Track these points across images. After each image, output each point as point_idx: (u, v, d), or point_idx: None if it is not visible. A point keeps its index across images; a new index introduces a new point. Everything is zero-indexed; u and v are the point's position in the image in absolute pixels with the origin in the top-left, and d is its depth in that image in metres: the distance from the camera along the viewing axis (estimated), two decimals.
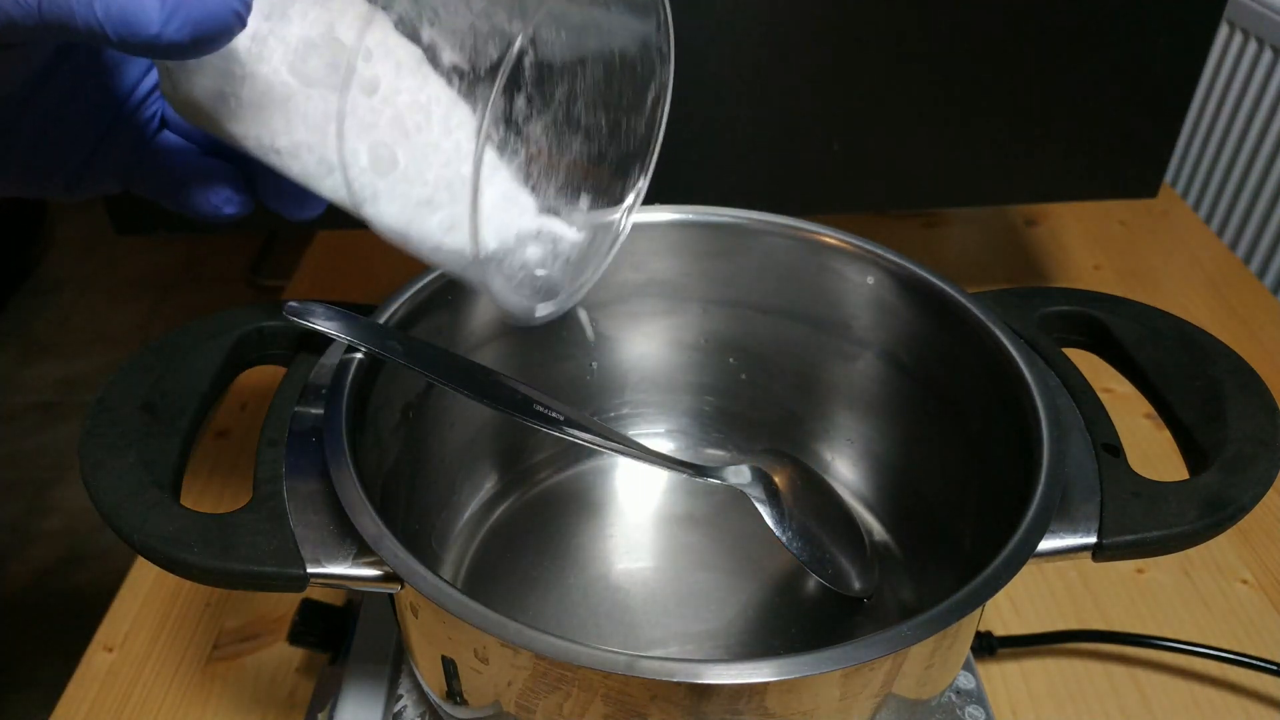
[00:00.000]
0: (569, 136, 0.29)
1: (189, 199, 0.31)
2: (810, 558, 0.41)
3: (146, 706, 0.46)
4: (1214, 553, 0.53)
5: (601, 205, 0.29)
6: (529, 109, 0.26)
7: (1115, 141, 0.59)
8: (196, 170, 0.31)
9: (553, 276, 0.28)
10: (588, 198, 0.29)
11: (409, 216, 0.26)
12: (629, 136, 0.29)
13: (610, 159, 0.29)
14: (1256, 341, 0.69)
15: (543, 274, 0.28)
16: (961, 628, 0.29)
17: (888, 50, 0.55)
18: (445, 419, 0.44)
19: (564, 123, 0.28)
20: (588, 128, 0.29)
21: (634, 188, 0.29)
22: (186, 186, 0.31)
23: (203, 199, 0.31)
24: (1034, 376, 0.36)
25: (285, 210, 0.32)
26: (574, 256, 0.29)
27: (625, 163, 0.29)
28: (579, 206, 0.29)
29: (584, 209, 0.29)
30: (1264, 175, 1.00)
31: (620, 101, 0.28)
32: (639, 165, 0.29)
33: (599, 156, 0.29)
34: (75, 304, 1.86)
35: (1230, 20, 1.03)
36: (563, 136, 0.29)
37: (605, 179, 0.29)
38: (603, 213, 0.29)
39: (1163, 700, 0.46)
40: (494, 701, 0.31)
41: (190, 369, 0.37)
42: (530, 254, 0.28)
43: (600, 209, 0.29)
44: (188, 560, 0.30)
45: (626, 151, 0.29)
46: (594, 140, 0.29)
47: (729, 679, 0.26)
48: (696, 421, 0.51)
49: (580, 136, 0.29)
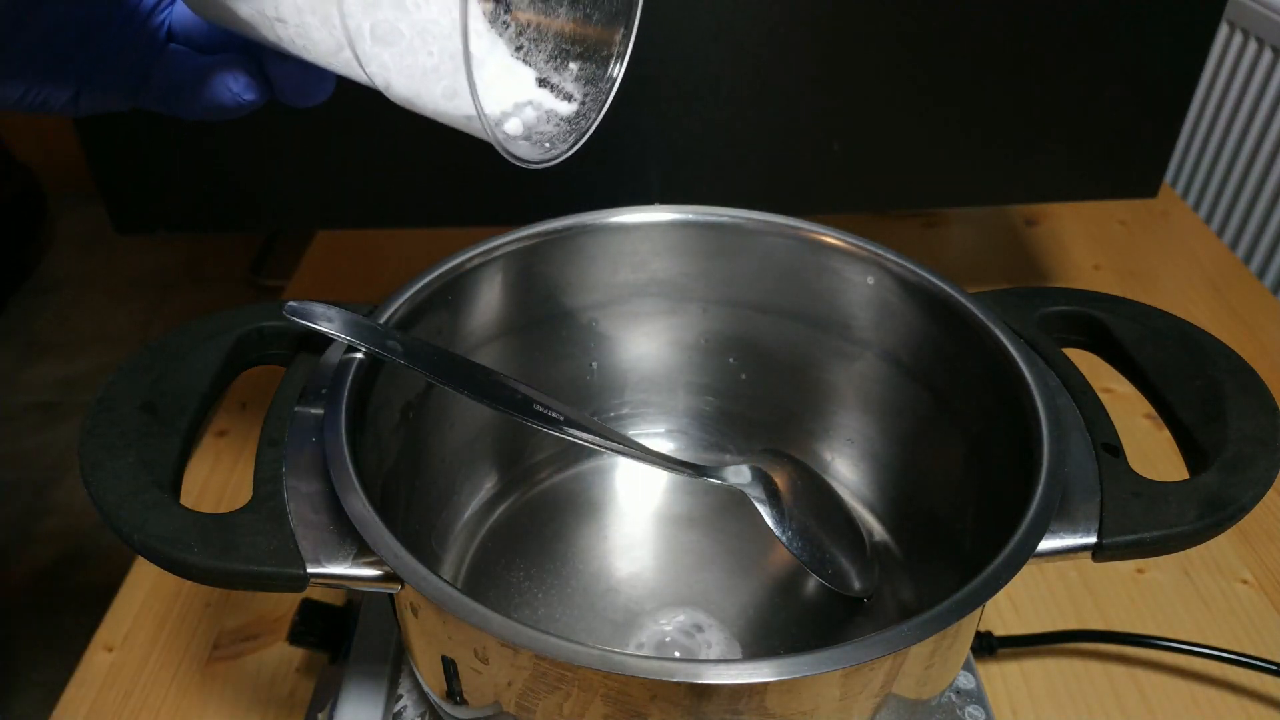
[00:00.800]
0: (555, 4, 0.31)
1: (206, 93, 0.31)
2: (810, 558, 0.41)
3: (147, 706, 0.46)
4: (1214, 553, 0.53)
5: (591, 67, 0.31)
6: None
7: (1115, 141, 0.59)
8: (207, 66, 0.31)
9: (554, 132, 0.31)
10: (576, 63, 0.31)
11: (416, 87, 0.27)
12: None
13: (595, 20, 0.31)
14: (1256, 341, 0.69)
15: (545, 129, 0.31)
16: (961, 628, 0.29)
17: (888, 51, 0.55)
18: (445, 419, 0.44)
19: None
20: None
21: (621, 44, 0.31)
22: (203, 81, 0.31)
23: (222, 88, 0.31)
24: (1034, 376, 0.36)
25: (295, 98, 0.33)
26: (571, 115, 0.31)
27: (610, 22, 0.31)
28: (569, 70, 0.31)
29: (574, 72, 0.31)
30: (1264, 175, 1.00)
31: None
32: (624, 21, 0.31)
33: (585, 19, 0.31)
34: (75, 303, 1.86)
35: (1230, 20, 1.03)
36: (549, 4, 0.31)
37: (592, 41, 0.31)
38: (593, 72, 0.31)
39: (1163, 700, 0.46)
40: (494, 701, 0.31)
41: (190, 369, 0.37)
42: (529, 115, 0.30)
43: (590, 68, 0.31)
44: (188, 560, 0.30)
45: (611, 10, 0.31)
46: (579, 5, 0.31)
47: (729, 679, 0.26)
48: (696, 421, 0.51)
49: (565, 3, 0.31)
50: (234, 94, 0.31)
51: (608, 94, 0.31)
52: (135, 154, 0.56)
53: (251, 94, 0.32)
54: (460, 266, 0.41)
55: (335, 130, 0.55)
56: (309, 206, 0.60)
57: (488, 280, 0.43)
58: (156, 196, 0.58)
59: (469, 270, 0.42)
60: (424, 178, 0.58)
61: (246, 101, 0.32)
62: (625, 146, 0.57)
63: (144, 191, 0.58)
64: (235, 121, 0.57)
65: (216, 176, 0.58)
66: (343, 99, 0.34)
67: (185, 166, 0.57)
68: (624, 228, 0.45)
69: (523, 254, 0.43)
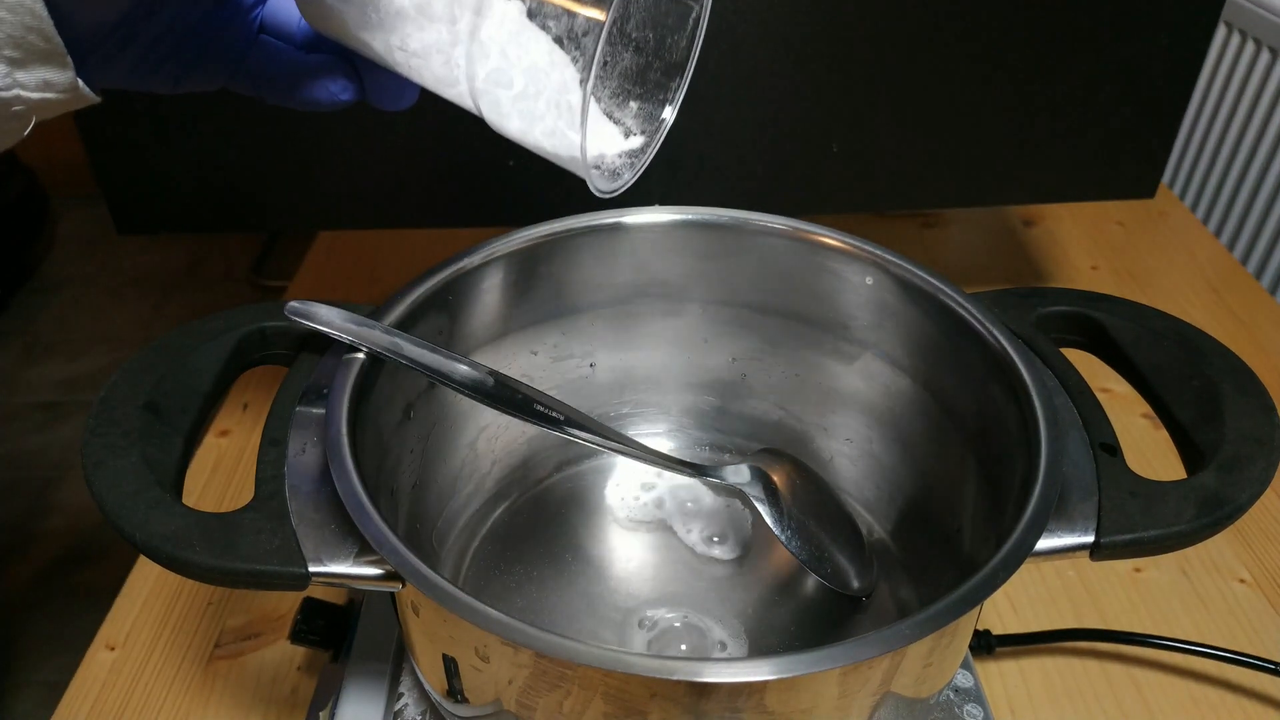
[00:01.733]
0: (621, 50, 0.34)
1: (304, 89, 0.33)
2: (809, 556, 0.41)
3: (148, 705, 0.46)
4: (1212, 552, 0.53)
5: (647, 109, 0.35)
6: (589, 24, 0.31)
7: (1113, 142, 0.59)
8: (311, 65, 0.33)
9: (618, 163, 0.35)
10: (635, 103, 0.35)
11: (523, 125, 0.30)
12: (672, 50, 0.35)
13: (655, 69, 0.35)
14: (1254, 341, 0.69)
15: (611, 160, 0.35)
16: (960, 626, 0.30)
17: (887, 50, 0.55)
18: (446, 419, 0.44)
19: (619, 38, 0.34)
20: (638, 42, 0.34)
21: (675, 92, 0.35)
22: (302, 79, 0.33)
23: (322, 89, 0.33)
24: (1032, 376, 0.36)
25: (387, 103, 0.34)
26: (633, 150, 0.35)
27: (668, 72, 0.35)
28: (629, 108, 0.35)
29: (633, 110, 0.35)
30: (1261, 175, 1.00)
31: (666, 20, 0.34)
32: (679, 74, 0.35)
33: (645, 67, 0.35)
34: (77, 303, 1.86)
35: (1228, 21, 1.03)
36: (616, 50, 0.34)
37: (650, 87, 0.35)
38: (649, 111, 0.35)
39: (1160, 699, 0.46)
40: (495, 700, 0.31)
41: (192, 369, 0.37)
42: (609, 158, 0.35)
43: (646, 110, 0.35)
44: (190, 559, 0.30)
45: (669, 63, 0.35)
46: (643, 53, 0.35)
47: (728, 677, 0.26)
48: (696, 421, 0.51)
49: (631, 50, 0.34)
50: (332, 94, 0.33)
51: (662, 131, 0.35)
52: (137, 155, 0.56)
53: (348, 95, 0.34)
54: (461, 267, 0.41)
55: (337, 131, 0.56)
56: (311, 207, 0.60)
57: (488, 281, 0.43)
58: (158, 197, 0.58)
59: (470, 271, 0.42)
60: (425, 179, 0.58)
61: (342, 101, 0.34)
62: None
63: (146, 192, 0.58)
64: (236, 122, 0.57)
65: (218, 177, 0.58)
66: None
67: (187, 167, 0.57)
68: (624, 228, 0.45)
69: (523, 254, 0.43)
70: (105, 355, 1.72)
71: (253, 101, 0.34)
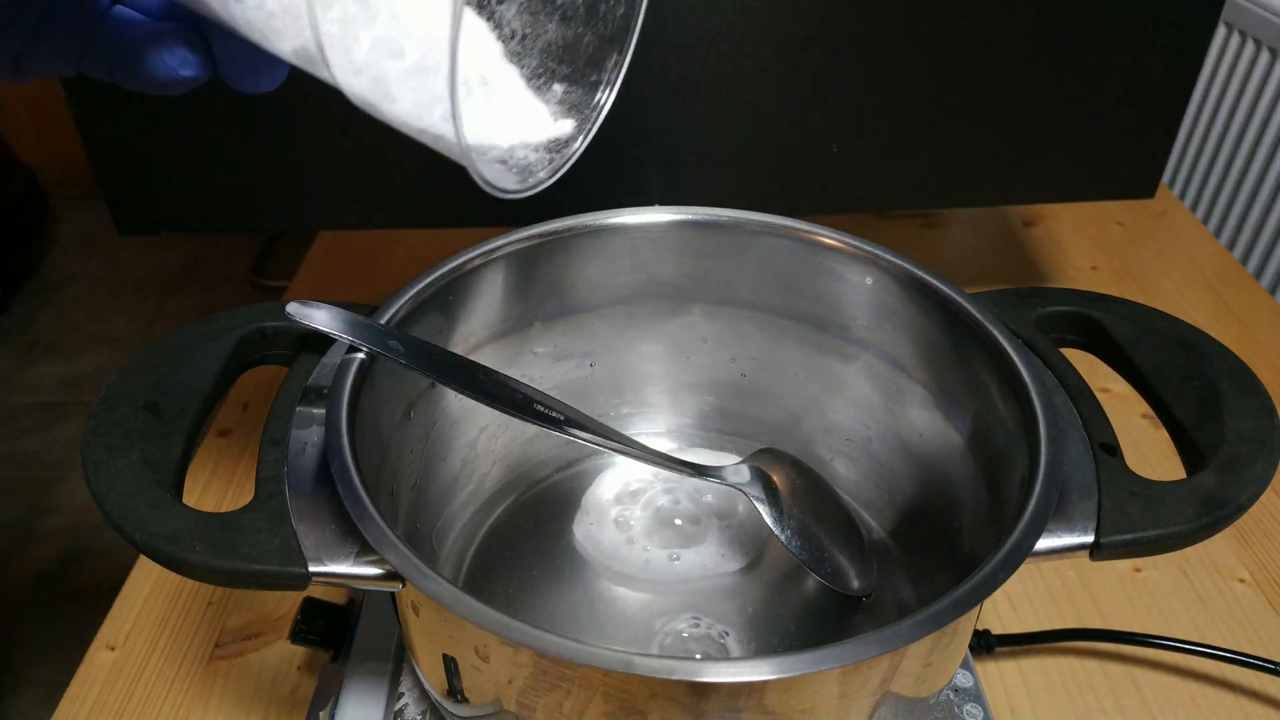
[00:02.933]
0: (544, 19, 0.28)
1: (143, 67, 0.29)
2: (809, 557, 0.41)
3: (148, 705, 0.46)
4: (1211, 552, 0.53)
5: (576, 92, 0.28)
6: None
7: (1113, 142, 0.59)
8: (148, 35, 0.29)
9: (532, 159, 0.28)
10: (561, 85, 0.28)
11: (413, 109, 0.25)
12: (607, 19, 0.28)
13: (587, 43, 0.28)
14: (1253, 341, 0.69)
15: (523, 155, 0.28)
16: (959, 626, 0.30)
17: (887, 51, 0.55)
18: (446, 419, 0.44)
19: (539, 3, 0.27)
20: (564, 9, 0.28)
21: (610, 72, 0.28)
22: (140, 53, 0.29)
23: (158, 62, 0.29)
24: (1031, 376, 0.36)
25: (241, 82, 0.30)
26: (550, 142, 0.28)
27: (602, 47, 0.28)
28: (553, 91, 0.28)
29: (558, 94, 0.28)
30: (1261, 175, 1.00)
31: None
32: (617, 49, 0.28)
33: (575, 39, 0.28)
34: (77, 304, 1.86)
35: (1228, 21, 1.03)
36: (538, 19, 0.28)
37: (580, 65, 0.28)
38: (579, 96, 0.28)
39: (1160, 699, 0.46)
40: (495, 699, 0.31)
41: (192, 369, 0.37)
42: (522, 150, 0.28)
43: (574, 96, 0.28)
44: (190, 559, 0.30)
45: (604, 35, 0.28)
46: (570, 22, 0.28)
47: (728, 677, 0.26)
48: (696, 421, 0.51)
49: (556, 19, 0.28)
50: (169, 68, 0.29)
51: (593, 123, 0.29)
52: (137, 154, 0.56)
53: (189, 70, 0.29)
54: (461, 267, 0.41)
55: (337, 130, 0.56)
56: (311, 207, 0.60)
57: (488, 281, 0.43)
58: (159, 197, 0.58)
59: (470, 271, 0.42)
60: (425, 178, 0.58)
61: (184, 78, 0.29)
62: (625, 146, 0.57)
63: (146, 192, 0.58)
64: (237, 122, 0.57)
65: (218, 177, 0.58)
66: (344, 99, 0.34)
67: (187, 167, 0.57)
68: (624, 228, 0.45)
69: (523, 255, 0.43)
70: (105, 355, 1.72)
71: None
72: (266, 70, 0.30)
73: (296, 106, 0.54)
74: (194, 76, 0.29)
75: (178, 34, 0.29)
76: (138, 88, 0.30)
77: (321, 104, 0.53)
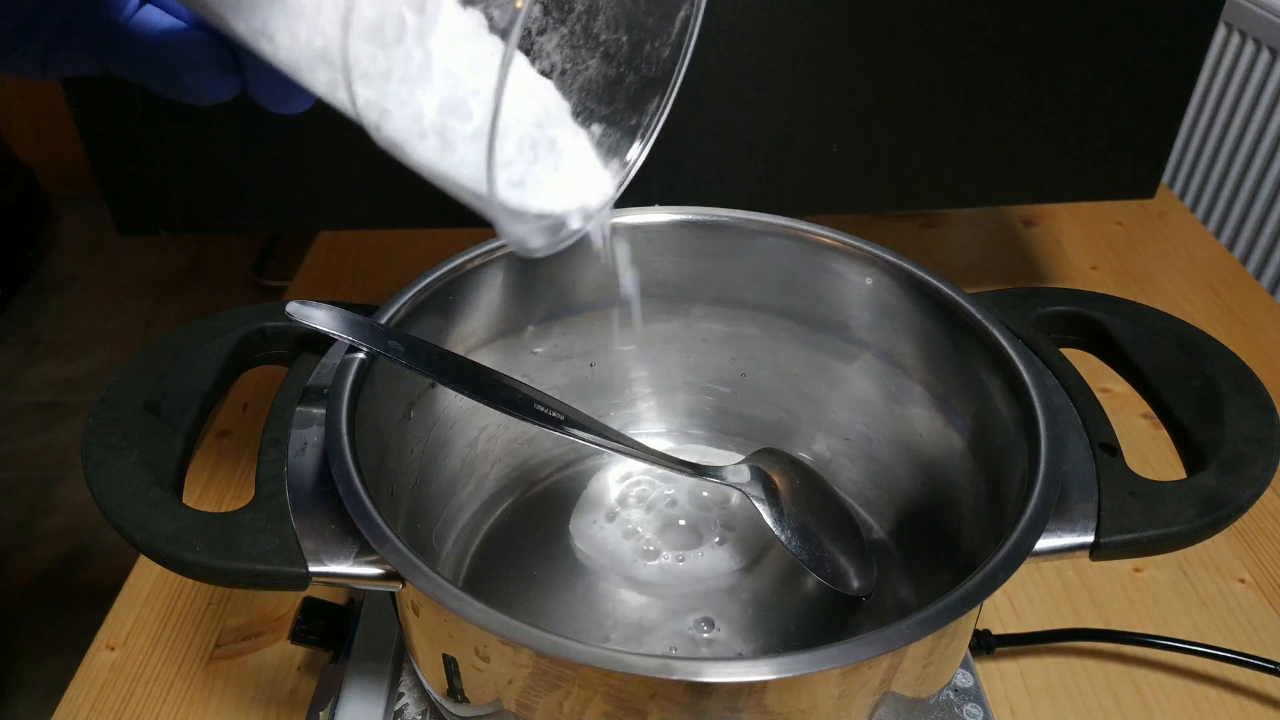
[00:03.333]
0: (586, 54, 0.26)
1: (172, 81, 0.29)
2: (809, 556, 0.41)
3: (149, 705, 0.46)
4: (1211, 552, 0.53)
5: (614, 135, 0.27)
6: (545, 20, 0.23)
7: (1113, 142, 0.59)
8: (179, 49, 0.28)
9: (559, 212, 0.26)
10: (599, 127, 0.27)
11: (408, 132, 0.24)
12: (651, 60, 0.26)
13: (629, 84, 0.26)
14: (1254, 341, 0.69)
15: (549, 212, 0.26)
16: (959, 626, 0.30)
17: (887, 50, 0.55)
18: (446, 419, 0.44)
19: (581, 39, 0.26)
20: (607, 46, 0.26)
21: (650, 117, 0.26)
22: (170, 68, 0.28)
23: (188, 79, 0.28)
24: (1032, 376, 0.36)
25: (270, 102, 0.30)
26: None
27: (644, 90, 0.26)
28: (591, 133, 0.27)
29: (596, 135, 0.27)
30: (1261, 175, 1.00)
31: (646, 21, 0.25)
32: (659, 93, 0.26)
33: (616, 79, 0.26)
34: (77, 304, 1.86)
35: (1228, 21, 1.03)
36: (579, 53, 0.26)
37: (620, 106, 0.26)
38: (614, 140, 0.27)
39: (1160, 699, 0.46)
40: (495, 699, 0.31)
41: (192, 369, 0.37)
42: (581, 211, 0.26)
43: (612, 136, 0.27)
44: (190, 559, 0.30)
45: (647, 76, 0.26)
46: (613, 60, 0.26)
47: (728, 677, 0.26)
48: (696, 421, 0.51)
49: (598, 56, 0.26)
50: (198, 87, 0.29)
51: (626, 176, 0.27)
52: (137, 155, 0.56)
53: (219, 93, 0.29)
54: (461, 267, 0.41)
55: (337, 130, 0.55)
56: (311, 207, 0.60)
57: (488, 281, 0.43)
58: (159, 197, 0.58)
59: (470, 271, 0.42)
60: (425, 179, 0.58)
61: (212, 100, 0.29)
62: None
63: (146, 192, 0.58)
64: (237, 122, 0.57)
65: (218, 177, 0.58)
66: None
67: (187, 167, 0.57)
68: (624, 228, 0.45)
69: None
70: (105, 355, 1.72)
71: (253, 102, 0.32)
72: (296, 93, 0.29)
73: None
74: (223, 98, 0.29)
75: (209, 52, 0.28)
76: (168, 96, 0.29)
77: (322, 104, 0.53)
